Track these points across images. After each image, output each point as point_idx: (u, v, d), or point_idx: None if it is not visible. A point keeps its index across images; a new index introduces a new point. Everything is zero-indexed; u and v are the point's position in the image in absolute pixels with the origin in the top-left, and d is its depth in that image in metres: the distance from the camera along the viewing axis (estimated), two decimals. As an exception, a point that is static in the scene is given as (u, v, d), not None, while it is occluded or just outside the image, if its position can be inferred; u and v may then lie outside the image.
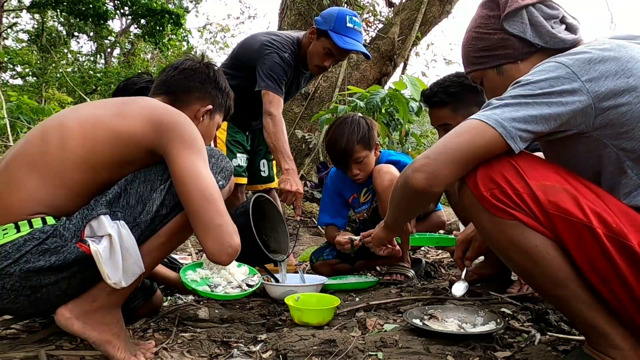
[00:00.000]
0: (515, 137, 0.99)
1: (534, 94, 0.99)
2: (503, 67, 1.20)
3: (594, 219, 0.93)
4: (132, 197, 1.18)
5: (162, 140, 1.20)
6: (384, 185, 2.15)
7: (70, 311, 1.15)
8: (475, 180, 1.03)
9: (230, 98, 1.59)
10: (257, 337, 1.45)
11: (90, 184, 1.18)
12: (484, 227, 1.05)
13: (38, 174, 1.14)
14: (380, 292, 2.08)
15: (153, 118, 1.22)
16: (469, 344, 1.30)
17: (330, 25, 2.33)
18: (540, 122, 0.99)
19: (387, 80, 6.26)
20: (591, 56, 1.00)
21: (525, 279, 1.08)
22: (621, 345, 0.98)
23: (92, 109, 1.26)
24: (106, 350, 1.18)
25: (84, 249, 1.09)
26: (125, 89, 1.93)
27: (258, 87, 2.33)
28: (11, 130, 4.04)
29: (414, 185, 1.07)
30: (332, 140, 2.29)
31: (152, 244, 1.20)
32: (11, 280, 1.07)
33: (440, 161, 1.04)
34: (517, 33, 1.16)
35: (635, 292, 0.93)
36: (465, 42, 1.28)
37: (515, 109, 1.00)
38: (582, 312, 0.99)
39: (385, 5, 6.89)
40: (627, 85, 0.97)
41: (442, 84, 1.96)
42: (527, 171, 0.99)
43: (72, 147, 1.16)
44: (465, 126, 1.04)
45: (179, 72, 1.46)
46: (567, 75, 0.99)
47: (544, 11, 1.16)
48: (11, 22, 13.08)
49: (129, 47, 15.38)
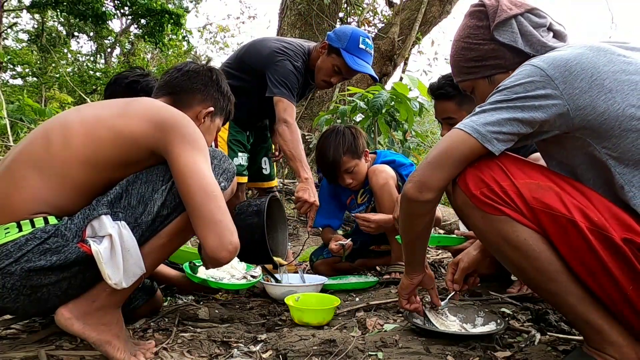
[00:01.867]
0: (491, 140, 1.03)
1: (509, 99, 1.04)
2: (494, 77, 1.23)
3: (577, 213, 0.97)
4: (133, 198, 1.18)
5: (164, 140, 1.20)
6: (380, 183, 2.20)
7: (70, 311, 1.15)
8: (465, 181, 1.08)
9: (231, 102, 1.60)
10: (257, 337, 1.45)
11: (92, 183, 1.19)
12: (476, 225, 1.10)
13: (41, 173, 1.14)
14: (380, 292, 2.08)
15: (155, 118, 1.22)
16: (469, 344, 1.30)
17: (343, 44, 2.33)
18: (514, 124, 1.03)
19: (387, 80, 6.26)
20: (567, 59, 1.02)
21: (518, 274, 1.11)
22: (618, 342, 0.99)
23: (95, 110, 1.27)
24: (106, 350, 1.18)
25: (85, 249, 1.09)
26: (116, 83, 1.94)
27: (270, 93, 2.30)
28: (11, 131, 4.04)
29: (406, 194, 1.13)
30: (320, 155, 2.32)
31: (153, 244, 1.20)
32: (12, 279, 1.07)
33: (426, 169, 1.10)
34: (508, 42, 1.18)
35: (620, 285, 0.95)
36: (454, 52, 1.29)
37: (490, 114, 1.05)
38: (575, 306, 1.01)
39: (386, 4, 6.89)
40: (602, 88, 0.99)
41: (450, 77, 1.96)
42: (513, 171, 1.05)
43: (75, 147, 1.17)
44: (447, 135, 1.10)
45: (182, 74, 1.47)
46: (542, 79, 1.02)
47: (533, 20, 1.18)
48: (11, 22, 13.08)
49: (129, 47, 15.39)
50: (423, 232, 1.24)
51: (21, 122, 4.31)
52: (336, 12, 6.33)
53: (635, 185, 0.98)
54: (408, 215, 1.19)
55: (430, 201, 1.11)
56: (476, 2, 1.26)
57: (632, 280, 0.94)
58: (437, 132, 7.92)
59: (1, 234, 1.09)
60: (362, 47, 2.35)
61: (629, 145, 0.98)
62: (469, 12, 1.27)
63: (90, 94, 11.42)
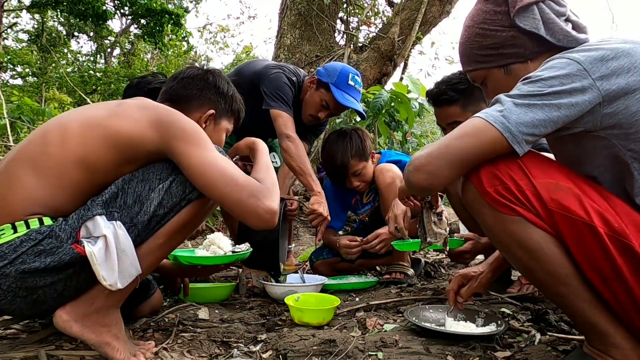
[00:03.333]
0: (521, 142, 0.98)
1: (543, 93, 0.96)
2: (511, 66, 1.16)
3: (596, 217, 0.93)
4: (129, 197, 1.17)
5: (166, 140, 1.20)
6: (387, 182, 2.20)
7: (69, 313, 1.15)
8: (479, 177, 1.02)
9: (237, 101, 1.58)
10: (257, 337, 1.45)
11: (87, 184, 1.18)
12: (486, 223, 1.05)
13: (37, 173, 1.14)
14: (380, 292, 2.08)
15: (152, 118, 1.22)
16: (469, 344, 1.30)
17: (333, 79, 2.33)
18: (548, 125, 0.97)
19: (387, 80, 6.26)
20: (604, 53, 0.97)
21: (527, 275, 1.07)
22: (622, 344, 0.98)
23: (92, 111, 1.27)
24: (105, 352, 1.18)
25: (79, 250, 1.07)
26: (138, 87, 1.93)
27: (267, 105, 2.30)
28: (11, 131, 4.03)
29: (415, 183, 1.07)
30: (328, 159, 2.31)
31: (150, 245, 1.19)
32: (7, 281, 1.07)
33: (442, 162, 1.03)
34: (530, 29, 1.11)
35: (634, 293, 0.93)
36: (466, 38, 1.21)
37: (523, 111, 0.97)
38: (584, 310, 0.99)
39: (386, 4, 6.89)
40: (639, 85, 0.94)
41: (449, 81, 1.94)
42: (532, 170, 0.99)
43: (71, 147, 1.16)
44: (469, 126, 1.02)
45: (177, 82, 1.49)
46: (579, 72, 0.96)
47: (554, 8, 1.12)
48: (11, 22, 13.06)
49: (129, 47, 15.38)
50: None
51: (20, 122, 4.30)
52: (336, 12, 6.33)
53: None
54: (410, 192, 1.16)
55: (438, 190, 1.08)
56: None
57: None
58: (437, 132, 7.91)
59: None
60: (351, 84, 2.37)
61: None
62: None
63: (90, 94, 11.40)
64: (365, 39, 6.64)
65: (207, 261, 1.62)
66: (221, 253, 1.65)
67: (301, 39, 5.97)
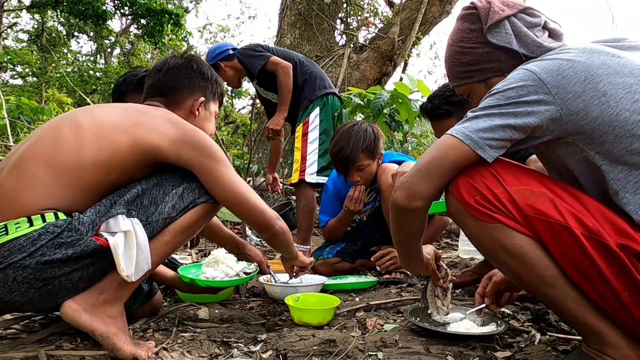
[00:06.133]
0: (483, 147, 1.02)
1: (501, 103, 1.02)
2: (490, 80, 1.20)
3: (571, 219, 0.96)
4: (146, 198, 1.25)
5: (192, 157, 1.30)
6: (389, 182, 2.18)
7: (78, 303, 1.18)
8: (458, 189, 1.06)
9: (220, 84, 1.63)
10: (257, 337, 1.45)
11: (101, 185, 1.23)
12: (471, 232, 1.08)
13: (53, 172, 1.18)
14: (380, 292, 2.08)
15: (181, 136, 1.30)
16: (469, 344, 1.31)
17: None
18: (506, 130, 1.01)
19: (387, 80, 6.26)
20: (560, 63, 1.01)
21: (516, 279, 1.09)
22: (618, 343, 0.99)
23: (110, 115, 1.29)
24: (113, 342, 1.18)
25: (101, 242, 1.14)
26: (126, 82, 1.95)
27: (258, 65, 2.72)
28: (11, 131, 4.03)
29: (396, 202, 1.10)
30: (337, 145, 2.29)
31: (157, 241, 1.25)
32: (24, 272, 1.10)
33: (416, 177, 1.08)
34: (502, 44, 1.15)
35: (616, 290, 0.94)
36: (448, 56, 1.27)
37: (482, 120, 1.03)
38: (575, 310, 1.00)
39: (386, 4, 6.89)
40: (596, 91, 0.97)
41: (443, 94, 1.95)
42: (505, 177, 1.03)
43: (89, 150, 1.21)
44: (439, 142, 1.08)
45: (163, 73, 1.50)
46: (534, 83, 1.00)
47: (526, 20, 1.16)
48: (11, 22, 13.05)
49: (129, 47, 15.38)
50: (415, 233, 1.21)
51: (20, 121, 4.30)
52: (336, 12, 6.33)
53: (630, 190, 0.97)
54: (399, 221, 1.17)
55: (420, 208, 1.09)
56: (467, 5, 1.23)
57: (627, 286, 0.93)
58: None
59: (12, 228, 1.12)
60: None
61: (623, 151, 0.97)
62: (461, 16, 1.24)
63: (90, 94, 11.40)
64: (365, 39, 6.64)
65: (226, 284, 1.76)
66: (232, 273, 1.80)
67: (301, 39, 5.97)
